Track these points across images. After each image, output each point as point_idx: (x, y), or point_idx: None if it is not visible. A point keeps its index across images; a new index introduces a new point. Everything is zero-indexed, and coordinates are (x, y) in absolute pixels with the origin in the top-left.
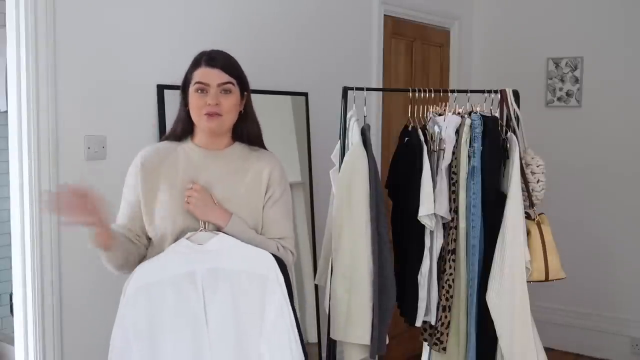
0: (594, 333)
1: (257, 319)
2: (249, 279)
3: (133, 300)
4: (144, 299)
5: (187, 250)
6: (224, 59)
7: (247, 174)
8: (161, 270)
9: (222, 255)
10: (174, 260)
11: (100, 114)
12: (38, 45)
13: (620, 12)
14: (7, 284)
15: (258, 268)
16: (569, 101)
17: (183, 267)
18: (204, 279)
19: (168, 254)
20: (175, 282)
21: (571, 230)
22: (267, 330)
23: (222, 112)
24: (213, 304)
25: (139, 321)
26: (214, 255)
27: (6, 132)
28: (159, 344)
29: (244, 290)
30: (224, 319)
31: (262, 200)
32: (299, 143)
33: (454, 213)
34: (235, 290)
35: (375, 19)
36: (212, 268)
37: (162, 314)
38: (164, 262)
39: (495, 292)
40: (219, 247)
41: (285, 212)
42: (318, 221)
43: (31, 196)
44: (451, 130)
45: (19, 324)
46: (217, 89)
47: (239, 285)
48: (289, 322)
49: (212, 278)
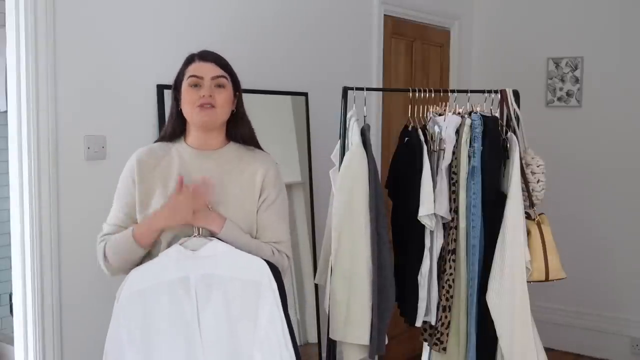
0: (594, 333)
1: (250, 326)
2: (242, 286)
3: (127, 306)
4: (138, 305)
5: (180, 256)
6: (216, 55)
7: (242, 174)
8: (154, 276)
9: (216, 261)
10: (167, 266)
11: (100, 114)
12: (38, 45)
13: (620, 12)
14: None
15: (251, 274)
16: (569, 101)
17: (176, 273)
18: (198, 285)
19: (161, 260)
20: (169, 288)
21: (571, 230)
22: (259, 336)
23: (215, 104)
24: (206, 310)
25: (133, 327)
26: (207, 261)
27: (6, 132)
28: (152, 350)
29: (237, 296)
30: (217, 325)
31: (257, 203)
32: (299, 143)
33: (454, 213)
34: (229, 297)
35: (375, 19)
36: (206, 274)
37: (155, 320)
38: (157, 268)
39: (495, 292)
40: (213, 253)
41: (281, 214)
42: (318, 221)
43: (31, 196)
44: (451, 130)
45: (18, 324)
46: (211, 82)
47: (233, 291)
48: (280, 328)
49: (205, 284)
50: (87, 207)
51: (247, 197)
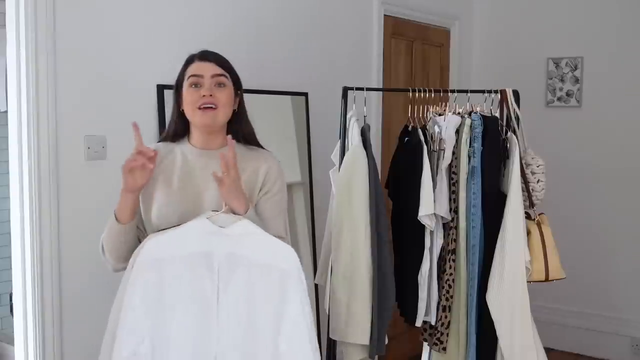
0: (594, 333)
1: (271, 313)
2: (268, 271)
3: (142, 273)
4: (154, 273)
5: (206, 229)
6: (216, 55)
7: (244, 173)
8: (175, 246)
9: (244, 242)
10: (190, 237)
11: (100, 114)
12: (38, 45)
13: (621, 13)
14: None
15: (280, 261)
16: (569, 101)
17: (199, 246)
18: (221, 263)
19: (184, 230)
20: (190, 261)
21: (571, 230)
22: (287, 328)
23: (217, 104)
24: (227, 290)
25: (146, 295)
26: (234, 240)
27: (6, 132)
28: (164, 322)
29: (260, 281)
30: (236, 307)
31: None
32: (299, 143)
33: (454, 213)
34: (252, 280)
35: (375, 19)
36: (231, 253)
37: (172, 292)
38: (178, 238)
39: (495, 292)
40: (242, 232)
41: (280, 210)
42: (318, 221)
43: (31, 196)
44: (451, 130)
45: (18, 324)
46: (212, 81)
47: (257, 275)
48: (309, 322)
49: (229, 263)
50: (87, 207)
51: (250, 195)
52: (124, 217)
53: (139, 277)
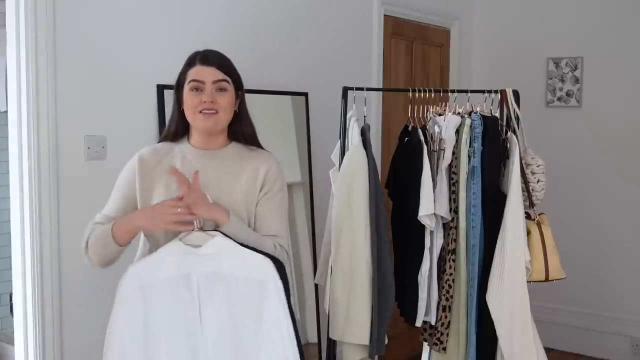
0: (594, 333)
1: (254, 325)
2: (246, 285)
3: (128, 302)
4: (139, 301)
5: (180, 251)
6: (218, 57)
7: (244, 173)
8: (154, 272)
9: (219, 259)
10: (167, 262)
11: (100, 114)
12: (38, 45)
13: (620, 12)
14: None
15: (256, 274)
16: (569, 101)
17: (177, 269)
18: (200, 283)
19: (161, 256)
20: (170, 285)
21: (571, 230)
22: (263, 339)
23: (218, 108)
24: (209, 308)
25: (134, 323)
26: (210, 258)
27: (6, 132)
28: (154, 347)
29: (240, 295)
30: (220, 323)
31: (257, 196)
32: (299, 143)
33: (454, 213)
34: (232, 296)
35: (375, 19)
36: (209, 272)
37: (157, 317)
38: (156, 263)
39: (495, 292)
40: (216, 250)
41: (280, 210)
42: (318, 221)
43: (31, 196)
44: (451, 130)
45: (18, 324)
46: (213, 86)
47: (237, 290)
48: (285, 331)
49: (208, 282)
50: (87, 207)
51: (250, 192)
52: (124, 241)
53: (122, 307)
